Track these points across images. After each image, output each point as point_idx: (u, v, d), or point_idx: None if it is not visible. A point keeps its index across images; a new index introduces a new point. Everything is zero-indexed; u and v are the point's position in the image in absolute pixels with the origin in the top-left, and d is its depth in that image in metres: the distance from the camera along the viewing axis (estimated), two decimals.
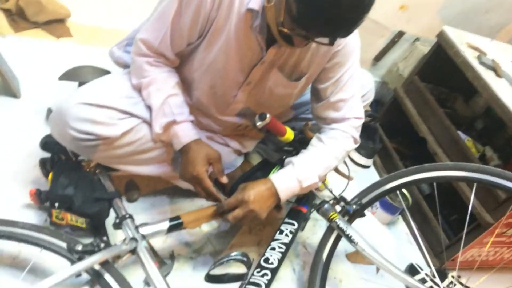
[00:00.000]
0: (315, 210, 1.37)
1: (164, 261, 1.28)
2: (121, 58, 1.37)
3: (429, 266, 1.64)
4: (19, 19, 1.88)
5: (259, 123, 1.27)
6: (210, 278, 1.12)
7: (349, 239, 1.29)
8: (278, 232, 1.27)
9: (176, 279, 1.24)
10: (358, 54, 1.29)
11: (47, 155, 1.37)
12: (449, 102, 2.02)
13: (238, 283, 1.13)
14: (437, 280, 1.51)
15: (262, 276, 1.13)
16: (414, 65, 2.13)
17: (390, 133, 2.06)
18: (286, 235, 1.26)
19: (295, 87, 1.31)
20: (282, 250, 1.21)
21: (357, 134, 1.34)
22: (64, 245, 1.07)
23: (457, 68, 1.75)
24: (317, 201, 1.38)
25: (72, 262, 1.06)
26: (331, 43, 1.06)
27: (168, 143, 1.26)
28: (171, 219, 1.19)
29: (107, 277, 1.04)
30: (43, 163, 1.36)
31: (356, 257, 1.57)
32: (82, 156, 1.29)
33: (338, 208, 1.38)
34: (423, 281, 1.51)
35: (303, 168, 1.24)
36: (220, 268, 1.12)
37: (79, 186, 1.24)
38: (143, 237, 1.14)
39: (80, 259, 1.03)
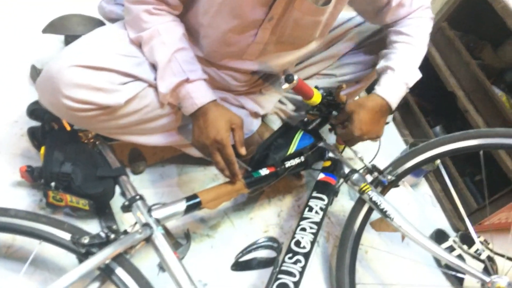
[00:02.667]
0: (344, 181, 1.24)
1: (179, 241, 1.15)
2: (112, 12, 1.18)
3: (456, 231, 1.56)
4: None
5: (285, 86, 1.09)
6: (236, 267, 0.99)
7: (384, 213, 1.16)
8: (307, 209, 1.12)
9: (193, 261, 1.12)
10: None
11: (35, 122, 1.18)
12: (475, 51, 1.84)
13: (267, 269, 1.01)
14: (465, 247, 1.44)
15: (295, 263, 1.00)
16: (439, 9, 1.92)
17: None
18: (317, 212, 1.12)
19: (323, 13, 1.11)
20: (314, 231, 1.08)
21: (432, 14, 1.26)
22: (67, 236, 0.92)
23: (492, 13, 1.55)
24: (346, 170, 1.24)
25: (78, 254, 0.92)
26: None
27: (176, 105, 1.08)
28: (188, 199, 1.04)
29: (119, 271, 0.91)
30: (32, 133, 1.17)
31: (380, 225, 1.45)
32: (78, 126, 1.10)
33: (369, 178, 1.24)
34: (451, 248, 1.43)
35: (404, 69, 1.17)
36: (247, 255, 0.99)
37: (78, 161, 1.07)
38: (158, 221, 0.99)
39: (88, 253, 0.89)
